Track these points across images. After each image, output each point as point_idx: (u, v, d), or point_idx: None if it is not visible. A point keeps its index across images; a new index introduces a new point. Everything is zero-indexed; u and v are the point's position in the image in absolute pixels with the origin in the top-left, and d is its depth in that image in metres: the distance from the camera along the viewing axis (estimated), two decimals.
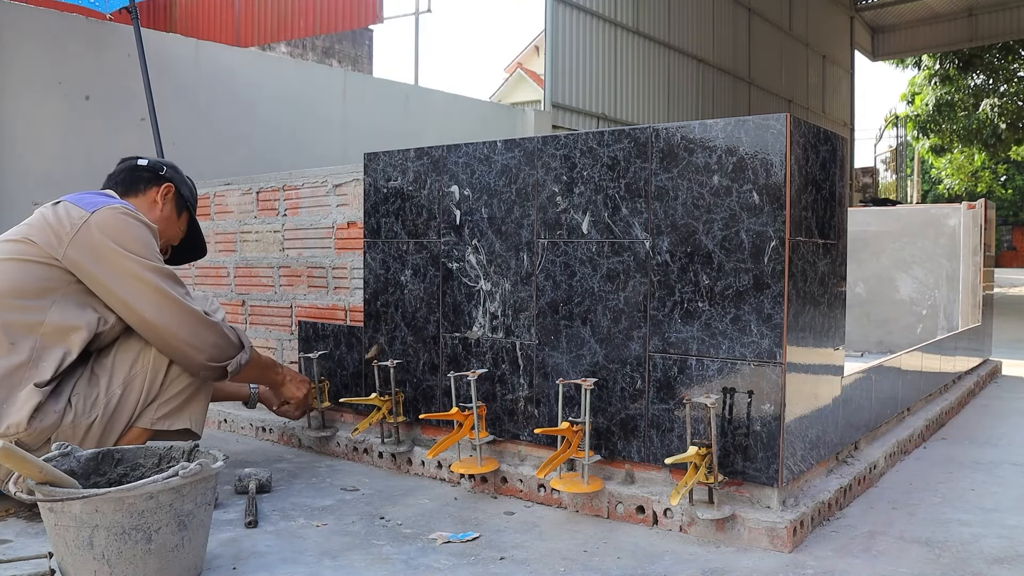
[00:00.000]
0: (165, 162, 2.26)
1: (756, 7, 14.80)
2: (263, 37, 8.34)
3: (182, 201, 2.26)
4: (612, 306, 1.99)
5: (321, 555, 1.73)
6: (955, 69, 20.60)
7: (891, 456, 2.44)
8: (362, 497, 2.14)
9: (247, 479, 2.14)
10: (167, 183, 2.21)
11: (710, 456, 1.77)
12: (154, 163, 2.22)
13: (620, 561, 1.69)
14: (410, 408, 2.39)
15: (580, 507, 2.01)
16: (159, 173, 2.20)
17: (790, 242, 1.76)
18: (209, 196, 3.14)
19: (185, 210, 2.28)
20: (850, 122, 19.72)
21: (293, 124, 6.03)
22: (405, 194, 2.39)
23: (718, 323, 1.84)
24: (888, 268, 4.56)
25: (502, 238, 2.18)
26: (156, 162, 2.23)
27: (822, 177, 1.93)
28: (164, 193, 2.20)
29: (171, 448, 1.74)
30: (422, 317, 2.36)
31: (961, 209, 4.35)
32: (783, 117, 1.76)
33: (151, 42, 5.04)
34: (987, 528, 1.92)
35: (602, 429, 2.01)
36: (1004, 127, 20.22)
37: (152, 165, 2.21)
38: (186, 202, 2.27)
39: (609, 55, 10.96)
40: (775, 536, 1.74)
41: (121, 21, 5.39)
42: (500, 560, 1.70)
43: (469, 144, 2.25)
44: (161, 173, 2.21)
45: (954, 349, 3.59)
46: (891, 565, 1.68)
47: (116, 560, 1.48)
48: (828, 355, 2.00)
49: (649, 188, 1.93)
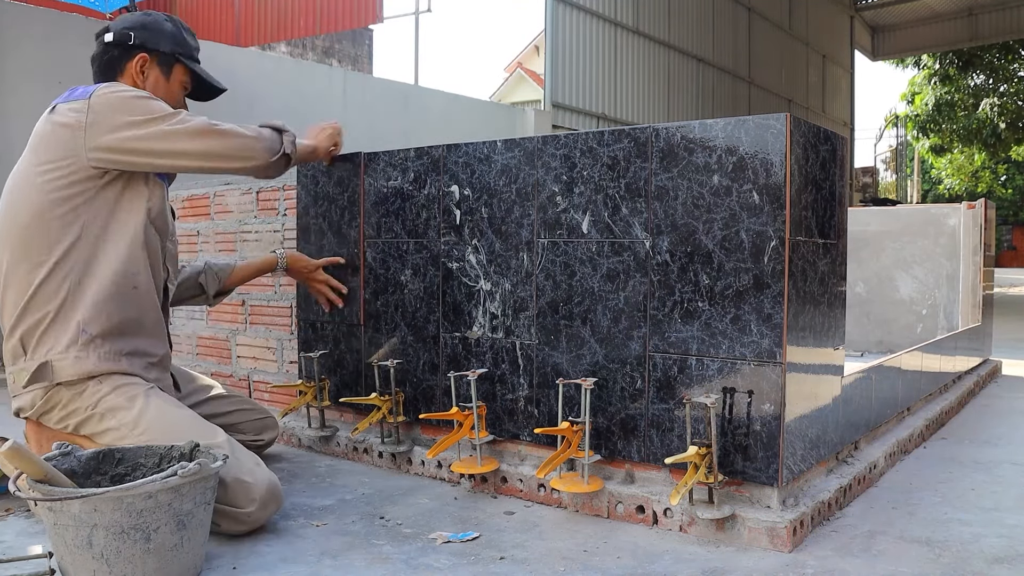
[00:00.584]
0: (133, 22, 2.07)
1: (756, 7, 14.81)
2: (263, 37, 8.34)
3: (166, 58, 2.09)
4: (612, 306, 1.99)
5: (321, 555, 1.73)
6: (955, 69, 20.60)
7: (891, 456, 2.44)
8: (362, 497, 2.14)
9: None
10: (139, 53, 2.05)
11: (710, 456, 1.77)
12: (120, 33, 2.05)
13: (620, 561, 1.69)
14: (410, 408, 2.39)
15: (580, 507, 2.01)
16: (128, 44, 2.04)
17: (790, 242, 1.76)
18: (209, 196, 3.14)
19: (175, 63, 2.12)
20: (850, 122, 19.73)
21: (293, 124, 6.02)
22: (405, 194, 2.39)
23: (718, 323, 1.84)
24: (888, 268, 4.56)
25: (502, 238, 2.18)
26: (122, 30, 2.05)
27: (822, 177, 1.93)
28: (139, 65, 2.06)
29: (171, 448, 1.74)
30: (422, 317, 2.36)
31: (961, 209, 4.35)
32: (783, 117, 1.76)
33: None
34: (987, 528, 1.92)
35: (602, 429, 2.01)
36: (1004, 127, 20.21)
37: (118, 37, 2.04)
38: (173, 56, 2.10)
39: (609, 55, 10.96)
40: (775, 536, 1.74)
41: None
42: (500, 560, 1.70)
43: (469, 144, 2.25)
44: (130, 43, 2.04)
45: (954, 349, 3.59)
46: (891, 565, 1.68)
47: (115, 559, 1.48)
48: (828, 355, 2.00)
49: (649, 188, 1.93)
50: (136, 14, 2.12)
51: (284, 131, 2.20)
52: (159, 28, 2.09)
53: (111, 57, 2.06)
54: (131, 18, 2.09)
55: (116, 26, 2.08)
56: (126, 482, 1.63)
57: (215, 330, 3.12)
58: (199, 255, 3.16)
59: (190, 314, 3.21)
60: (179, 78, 2.14)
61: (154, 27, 2.08)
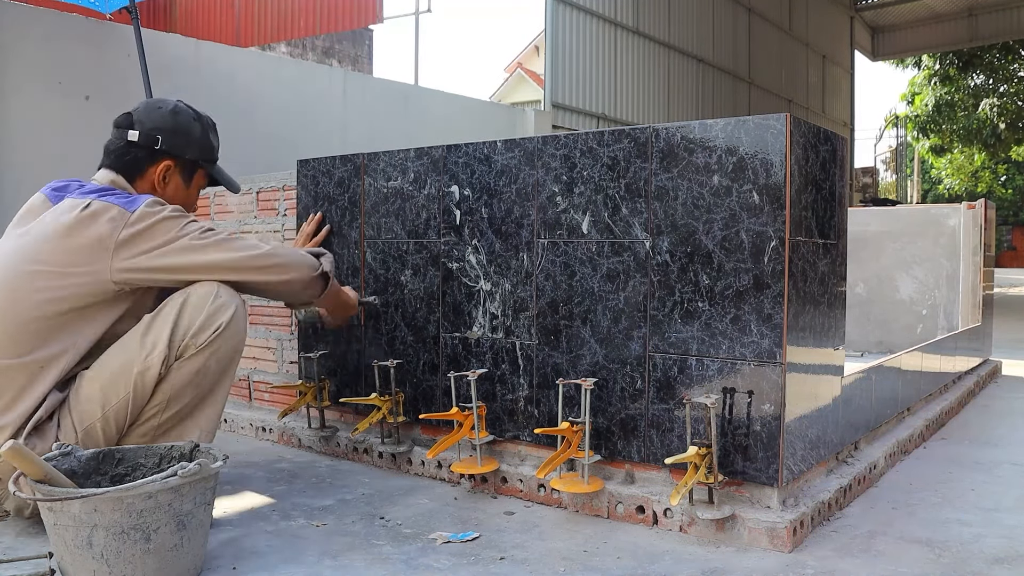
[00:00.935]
0: (162, 123, 1.98)
1: (756, 7, 14.81)
2: (263, 37, 8.35)
3: (190, 166, 2.04)
4: (612, 306, 1.99)
5: (321, 555, 1.73)
6: (955, 69, 20.60)
7: (891, 456, 2.44)
8: (362, 497, 2.14)
9: None
10: (165, 160, 1.99)
11: (710, 456, 1.77)
12: (147, 135, 1.97)
13: (620, 561, 1.69)
14: (410, 408, 2.39)
15: (580, 507, 2.01)
16: (154, 148, 1.97)
17: (790, 242, 1.76)
18: (209, 196, 3.14)
19: (198, 169, 2.07)
20: (850, 122, 19.73)
21: (293, 124, 6.03)
22: (405, 194, 2.39)
23: (718, 323, 1.84)
24: (888, 268, 4.56)
25: (502, 238, 2.18)
26: (150, 132, 1.97)
27: (822, 177, 1.93)
28: (163, 173, 2.00)
29: (171, 448, 1.73)
30: (422, 317, 2.36)
31: (961, 209, 4.35)
32: (783, 117, 1.76)
33: (151, 42, 5.04)
34: (987, 528, 1.92)
35: (602, 429, 2.01)
36: (1004, 127, 20.21)
37: (145, 139, 1.96)
38: (195, 163, 2.05)
39: (609, 55, 10.96)
40: (775, 536, 1.74)
41: (121, 21, 5.39)
42: (500, 560, 1.70)
43: (469, 144, 2.25)
44: (156, 148, 1.97)
45: (954, 349, 3.59)
46: (891, 565, 1.68)
47: (115, 560, 1.48)
48: (828, 355, 2.00)
49: (649, 188, 1.93)
50: (165, 112, 2.01)
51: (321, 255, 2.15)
52: (188, 133, 2.02)
53: (134, 158, 1.97)
54: (159, 117, 1.99)
55: (142, 124, 1.98)
56: (126, 482, 1.63)
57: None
58: None
59: None
60: (199, 183, 2.10)
61: (184, 132, 2.01)
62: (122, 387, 1.81)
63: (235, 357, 1.94)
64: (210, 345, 1.85)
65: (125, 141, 1.98)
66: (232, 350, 1.91)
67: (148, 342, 1.82)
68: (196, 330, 1.84)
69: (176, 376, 1.84)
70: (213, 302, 1.85)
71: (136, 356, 1.81)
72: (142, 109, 2.02)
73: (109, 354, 1.84)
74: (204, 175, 2.11)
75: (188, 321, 1.83)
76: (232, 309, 1.88)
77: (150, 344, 1.82)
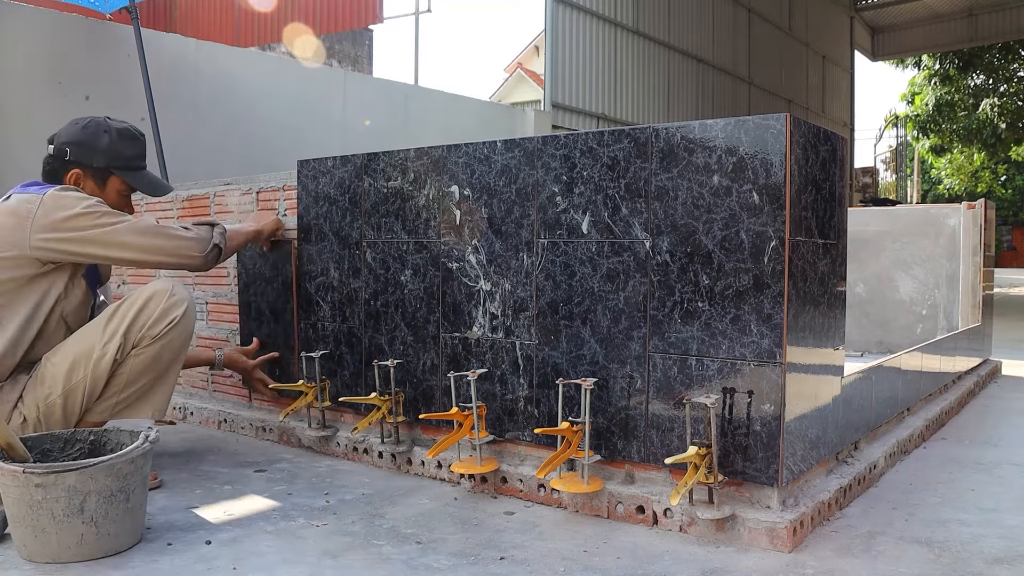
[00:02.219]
0: (70, 138, 2.22)
1: (756, 7, 14.81)
2: (263, 37, 8.35)
3: (100, 172, 2.24)
4: (612, 306, 1.99)
5: (321, 555, 1.73)
6: (955, 69, 20.59)
7: (891, 456, 2.44)
8: (362, 497, 2.14)
9: None
10: (73, 168, 2.21)
11: (710, 456, 1.77)
12: (58, 148, 2.21)
13: (620, 561, 1.69)
14: (410, 408, 2.39)
15: (580, 507, 2.01)
16: (64, 159, 2.20)
17: (790, 242, 1.76)
18: (209, 196, 3.14)
19: (110, 175, 2.26)
20: (850, 122, 19.73)
21: (293, 124, 6.03)
22: (405, 194, 2.39)
23: (718, 323, 1.84)
24: (888, 268, 4.56)
25: (502, 238, 2.18)
26: (60, 146, 2.21)
27: (822, 177, 1.93)
28: (74, 180, 2.21)
29: (75, 431, 1.96)
30: (422, 317, 2.36)
31: (961, 209, 4.35)
32: (783, 117, 1.76)
33: (151, 42, 5.04)
34: (987, 528, 1.92)
35: (602, 429, 2.01)
36: (1004, 127, 20.20)
37: (57, 151, 2.21)
38: (106, 171, 2.24)
39: (609, 55, 10.96)
40: (775, 536, 1.74)
41: (121, 21, 5.39)
42: (500, 560, 1.70)
43: (469, 144, 2.25)
44: (66, 159, 2.20)
45: (954, 349, 3.59)
46: (891, 565, 1.68)
47: (103, 520, 1.69)
48: (828, 355, 2.00)
49: (649, 188, 1.93)
50: (78, 127, 2.24)
51: (215, 224, 2.36)
52: (94, 144, 2.23)
53: (52, 168, 2.23)
54: (71, 132, 2.24)
55: (58, 138, 2.24)
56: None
57: (215, 330, 3.12)
58: None
59: None
60: (115, 187, 2.28)
61: (89, 143, 2.22)
62: (82, 369, 2.09)
63: (185, 346, 2.24)
64: (164, 336, 2.16)
65: (48, 154, 2.25)
66: (183, 341, 2.22)
67: (108, 332, 2.11)
68: (152, 323, 2.14)
69: (135, 362, 2.14)
70: (168, 299, 2.17)
71: (96, 343, 2.10)
72: (64, 127, 2.27)
73: (72, 339, 2.13)
74: (120, 180, 2.29)
75: (146, 316, 2.13)
76: (184, 306, 2.19)
77: (109, 333, 2.11)
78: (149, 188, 2.34)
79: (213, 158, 5.22)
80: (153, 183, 2.36)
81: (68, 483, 1.63)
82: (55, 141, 2.24)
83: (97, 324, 2.13)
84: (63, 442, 1.93)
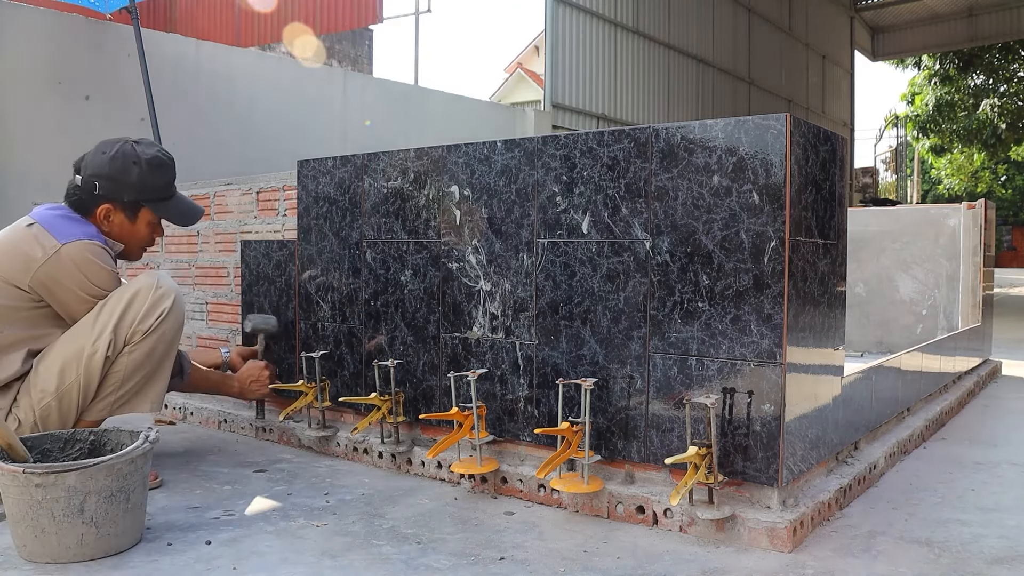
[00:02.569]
0: (99, 170, 2.17)
1: (756, 7, 14.81)
2: (263, 37, 8.34)
3: (131, 206, 2.23)
4: (612, 306, 1.99)
5: (321, 555, 1.73)
6: (955, 69, 20.59)
7: (891, 456, 2.44)
8: (362, 497, 2.14)
9: None
10: (104, 204, 2.19)
11: (710, 456, 1.77)
12: (87, 180, 2.17)
13: (620, 561, 1.69)
14: (410, 408, 2.39)
15: (580, 507, 2.01)
16: (93, 193, 2.18)
17: (790, 242, 1.76)
18: (209, 196, 3.14)
19: (140, 207, 2.24)
20: (850, 122, 19.73)
21: (293, 124, 6.03)
22: (405, 194, 2.39)
23: (718, 323, 1.84)
24: (888, 268, 4.56)
25: (502, 238, 2.18)
26: (89, 178, 2.17)
27: (822, 177, 1.93)
28: (104, 214, 2.20)
29: (75, 432, 1.95)
30: (422, 317, 2.36)
31: (961, 209, 4.35)
32: (783, 117, 1.76)
33: (151, 42, 5.04)
34: (987, 528, 1.92)
35: (602, 429, 2.01)
36: (1004, 127, 20.21)
37: (86, 184, 2.17)
38: (136, 203, 2.23)
39: (609, 55, 10.96)
40: (775, 536, 1.74)
41: (121, 21, 5.39)
42: (500, 560, 1.70)
43: (469, 144, 2.25)
44: (95, 192, 2.17)
45: (954, 349, 3.59)
46: (891, 565, 1.68)
47: (103, 520, 1.69)
48: (828, 355, 2.00)
49: (649, 188, 1.93)
50: (106, 159, 2.18)
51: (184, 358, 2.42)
52: (124, 179, 2.19)
53: (79, 200, 2.20)
54: (99, 164, 2.18)
55: (86, 169, 2.19)
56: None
57: (215, 330, 3.12)
58: (199, 255, 3.16)
59: (190, 314, 3.21)
60: (146, 219, 2.28)
61: (119, 177, 2.18)
62: (74, 370, 2.08)
63: (177, 336, 2.23)
64: (156, 330, 2.14)
65: (72, 186, 2.22)
66: (175, 332, 2.20)
67: (96, 330, 2.09)
68: (141, 317, 2.12)
69: (129, 359, 2.12)
70: (155, 292, 2.14)
71: (86, 342, 2.09)
72: (91, 153, 2.22)
73: (62, 341, 2.11)
74: (152, 213, 2.29)
75: (134, 312, 2.11)
76: (172, 296, 2.17)
77: (98, 331, 2.09)
78: (179, 219, 2.33)
79: (213, 158, 5.21)
80: (183, 213, 2.33)
81: (68, 483, 1.64)
82: (83, 172, 2.19)
83: (85, 323, 2.11)
84: (63, 442, 1.93)
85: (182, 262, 3.25)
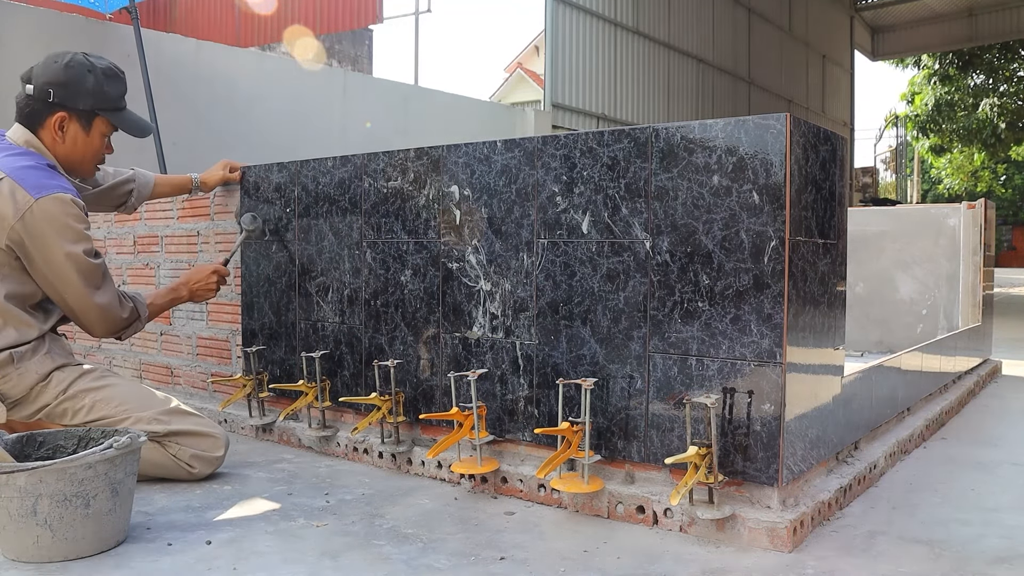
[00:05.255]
0: (53, 77, 2.13)
1: (756, 7, 14.81)
2: (263, 37, 8.35)
3: (86, 114, 2.18)
4: (612, 306, 1.99)
5: (321, 555, 1.73)
6: (955, 69, 20.60)
7: (891, 456, 2.44)
8: (362, 497, 2.14)
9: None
10: (58, 112, 2.14)
11: (710, 456, 1.77)
12: (41, 88, 2.13)
13: (620, 561, 1.69)
14: (410, 408, 2.39)
15: (580, 507, 2.01)
16: (47, 101, 2.13)
17: (790, 242, 1.76)
18: (209, 196, 3.14)
19: (95, 117, 2.21)
20: (850, 122, 19.74)
21: (293, 124, 6.03)
22: (405, 194, 2.39)
23: (718, 323, 1.84)
24: (888, 268, 4.56)
25: (502, 238, 2.18)
26: (43, 86, 2.13)
27: (822, 177, 1.93)
28: (58, 122, 2.16)
29: (89, 430, 1.92)
30: (422, 317, 2.36)
31: (961, 209, 4.35)
32: (783, 117, 1.76)
33: (151, 42, 5.04)
34: (987, 528, 1.92)
35: (602, 429, 2.01)
36: (1004, 127, 20.21)
37: (40, 92, 2.13)
38: (91, 113, 2.19)
39: (609, 55, 10.96)
40: (775, 536, 1.74)
41: (121, 21, 5.39)
42: (500, 560, 1.70)
43: (469, 144, 2.25)
44: (49, 100, 2.13)
45: (954, 349, 3.59)
46: (891, 565, 1.68)
47: (58, 525, 1.65)
48: (828, 355, 2.00)
49: (649, 188, 1.93)
50: (60, 66, 2.15)
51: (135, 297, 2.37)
52: (79, 85, 2.15)
53: (32, 110, 2.16)
54: (52, 71, 2.15)
55: (38, 78, 2.15)
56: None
57: (215, 331, 3.12)
58: (199, 256, 3.16)
59: (190, 315, 3.21)
60: (100, 130, 2.24)
61: (74, 84, 2.15)
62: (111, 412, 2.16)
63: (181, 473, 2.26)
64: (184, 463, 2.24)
65: (25, 94, 2.16)
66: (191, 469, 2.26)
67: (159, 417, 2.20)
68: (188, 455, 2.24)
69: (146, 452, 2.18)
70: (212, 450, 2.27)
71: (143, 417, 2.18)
72: (41, 64, 2.17)
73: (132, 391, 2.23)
74: (106, 123, 2.24)
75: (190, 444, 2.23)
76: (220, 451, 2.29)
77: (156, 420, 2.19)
78: (135, 129, 2.30)
79: (213, 158, 5.20)
80: (138, 124, 2.31)
81: (19, 484, 1.62)
82: (34, 80, 2.14)
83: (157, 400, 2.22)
84: (77, 439, 1.91)
85: (182, 262, 3.25)
